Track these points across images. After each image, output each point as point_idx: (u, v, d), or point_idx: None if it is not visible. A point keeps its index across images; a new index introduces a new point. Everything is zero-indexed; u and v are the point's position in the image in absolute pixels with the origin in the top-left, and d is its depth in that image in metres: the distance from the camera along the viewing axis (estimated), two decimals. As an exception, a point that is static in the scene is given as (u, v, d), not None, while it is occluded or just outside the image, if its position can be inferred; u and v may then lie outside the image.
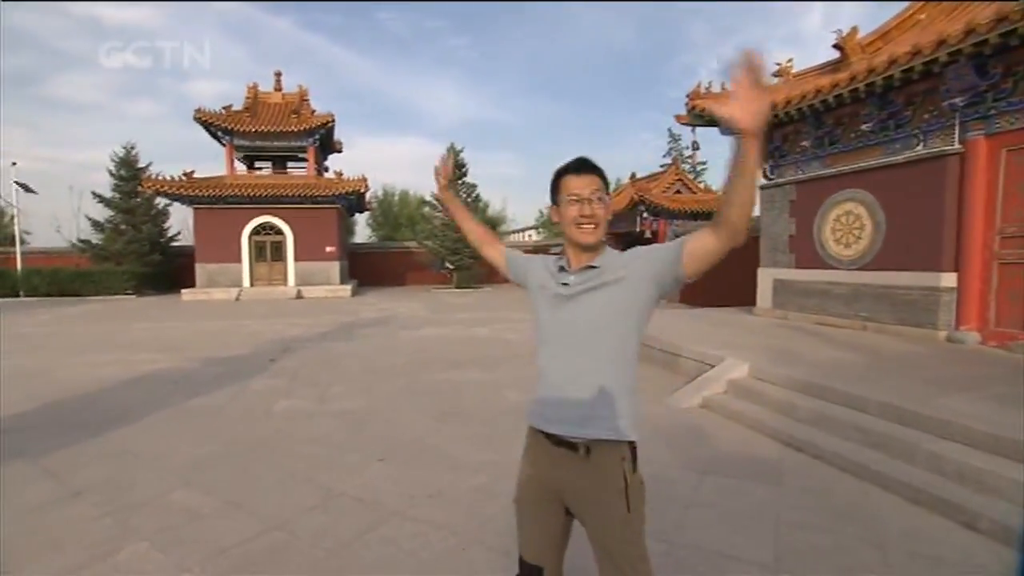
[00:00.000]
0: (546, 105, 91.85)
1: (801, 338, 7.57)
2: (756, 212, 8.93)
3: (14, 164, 23.92)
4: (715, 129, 10.47)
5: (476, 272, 24.22)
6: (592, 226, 1.46)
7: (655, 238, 17.84)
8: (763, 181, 9.92)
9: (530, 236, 45.01)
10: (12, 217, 26.26)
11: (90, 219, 24.35)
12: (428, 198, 25.68)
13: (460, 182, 24.63)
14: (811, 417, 4.48)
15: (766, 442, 4.43)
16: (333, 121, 21.82)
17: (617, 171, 33.79)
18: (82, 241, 24.31)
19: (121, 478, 3.88)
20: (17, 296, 21.31)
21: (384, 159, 78.11)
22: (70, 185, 67.47)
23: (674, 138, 38.53)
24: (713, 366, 5.99)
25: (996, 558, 2.71)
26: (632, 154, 79.58)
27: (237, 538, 2.98)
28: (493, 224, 30.38)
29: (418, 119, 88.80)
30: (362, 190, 20.99)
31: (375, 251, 28.87)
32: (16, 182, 23.49)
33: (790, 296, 9.59)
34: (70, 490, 3.69)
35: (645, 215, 17.68)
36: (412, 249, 27.66)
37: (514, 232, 45.26)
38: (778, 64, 10.05)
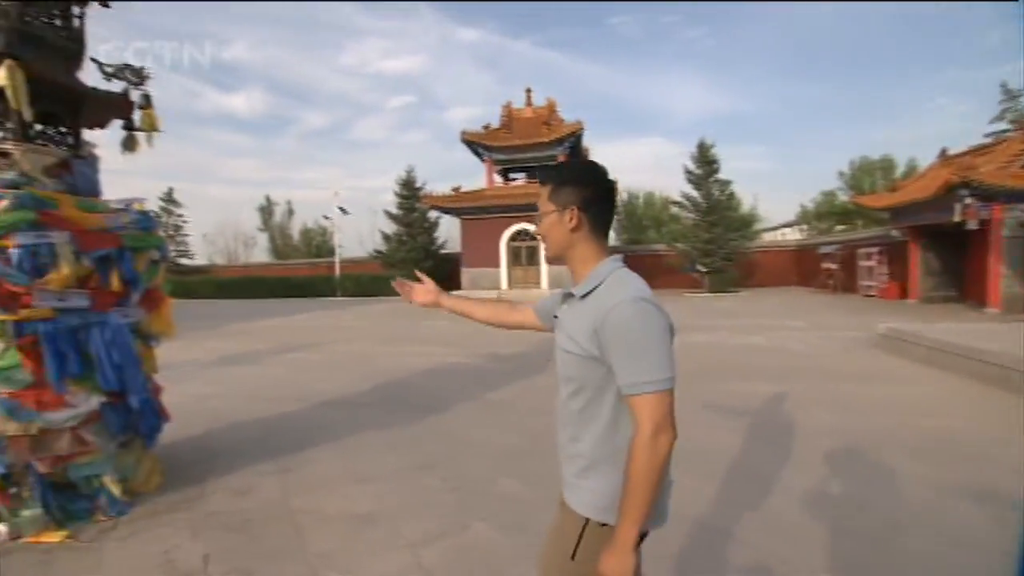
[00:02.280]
0: (799, 88, 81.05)
1: None
2: None
3: (336, 193, 30.69)
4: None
5: (731, 275, 22.35)
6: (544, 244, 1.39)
7: (985, 231, 13.88)
8: None
9: (783, 234, 39.95)
10: (333, 234, 33.59)
11: (382, 233, 29.70)
12: (676, 198, 24.64)
13: (712, 179, 23.04)
14: None
15: None
16: (582, 128, 22.53)
17: (907, 150, 27.44)
18: (377, 251, 29.83)
19: (455, 458, 4.27)
20: (335, 295, 27.34)
21: (624, 162, 78.13)
22: (369, 206, 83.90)
23: (1010, 95, 26.66)
24: None
25: None
26: (924, 127, 64.45)
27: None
28: (744, 223, 27.65)
29: (656, 119, 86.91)
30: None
31: (621, 253, 28.60)
32: (339, 207, 30.13)
33: None
34: (416, 463, 4.17)
35: (968, 201, 13.83)
36: (660, 252, 26.90)
37: (767, 230, 40.65)
38: None
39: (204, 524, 3.21)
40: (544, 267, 22.84)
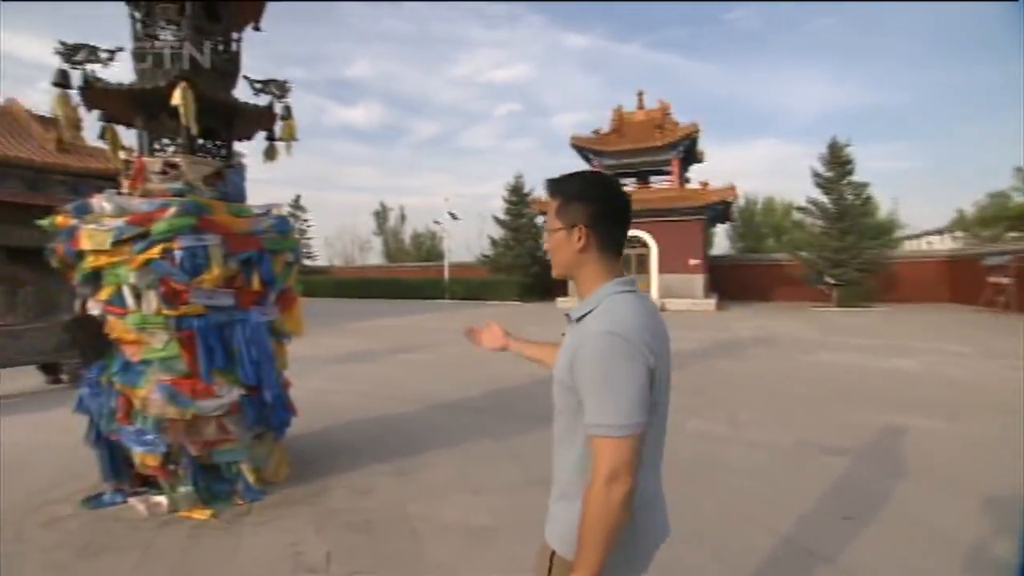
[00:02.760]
0: (952, 72, 70.89)
1: None
2: None
3: (447, 199, 31.77)
4: None
5: (864, 288, 20.01)
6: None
7: None
8: None
9: (929, 243, 35.22)
10: (442, 238, 34.90)
11: (490, 238, 30.32)
12: (803, 204, 22.55)
13: (845, 182, 20.84)
14: None
15: None
16: (698, 131, 21.45)
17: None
18: (484, 256, 30.49)
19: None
20: (443, 298, 28.33)
21: (737, 166, 73.70)
22: (477, 212, 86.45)
23: None
24: None
25: None
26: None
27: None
28: (882, 231, 24.73)
29: (774, 119, 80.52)
30: (730, 199, 19.92)
31: (738, 264, 27.04)
32: (449, 212, 31.24)
33: None
34: (532, 477, 4.05)
35: None
36: (781, 261, 24.87)
37: (909, 238, 36.04)
38: None
39: (328, 521, 3.31)
40: (655, 275, 21.98)
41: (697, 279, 21.36)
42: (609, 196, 1.24)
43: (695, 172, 25.05)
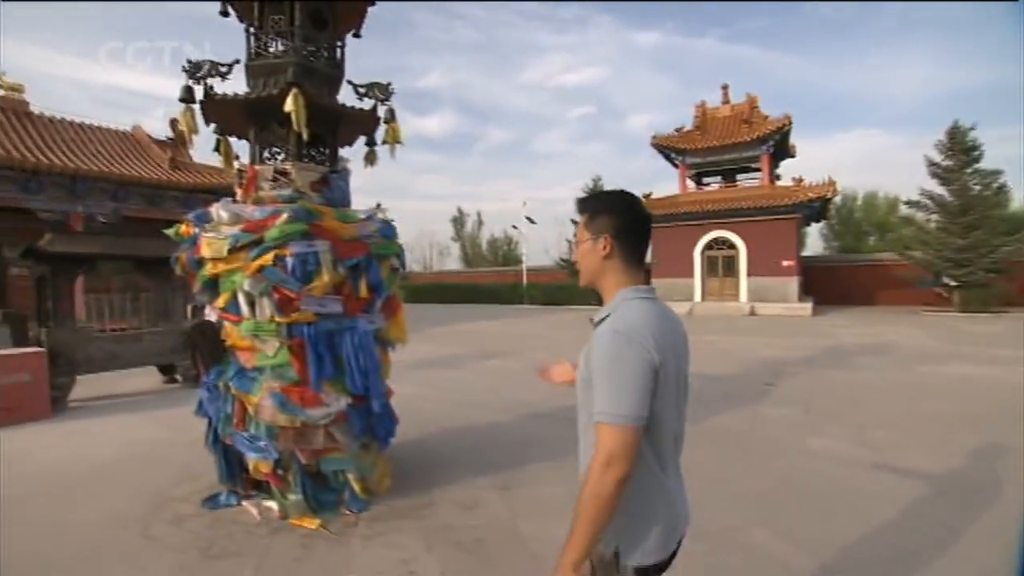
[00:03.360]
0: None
1: None
2: None
3: (524, 203, 31.71)
4: None
5: (995, 291, 17.75)
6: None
7: None
8: None
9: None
10: (519, 243, 34.88)
11: (568, 242, 29.87)
12: (914, 197, 20.38)
13: (970, 171, 18.67)
14: None
15: None
16: (790, 124, 20.04)
17: None
18: (563, 260, 30.13)
19: (692, 498, 3.74)
20: (522, 303, 28.21)
21: (825, 161, 68.31)
22: (554, 216, 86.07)
23: None
24: None
25: None
26: None
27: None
28: (1017, 225, 21.92)
29: (868, 106, 73.58)
30: (829, 195, 18.38)
31: (835, 265, 24.95)
32: (526, 217, 31.17)
33: None
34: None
35: None
36: (884, 261, 22.74)
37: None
38: None
39: (437, 538, 3.17)
40: (744, 278, 20.75)
41: (791, 282, 19.94)
42: (633, 210, 1.38)
43: (785, 168, 23.52)
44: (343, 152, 4.15)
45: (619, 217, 1.36)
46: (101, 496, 3.95)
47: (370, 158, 4.37)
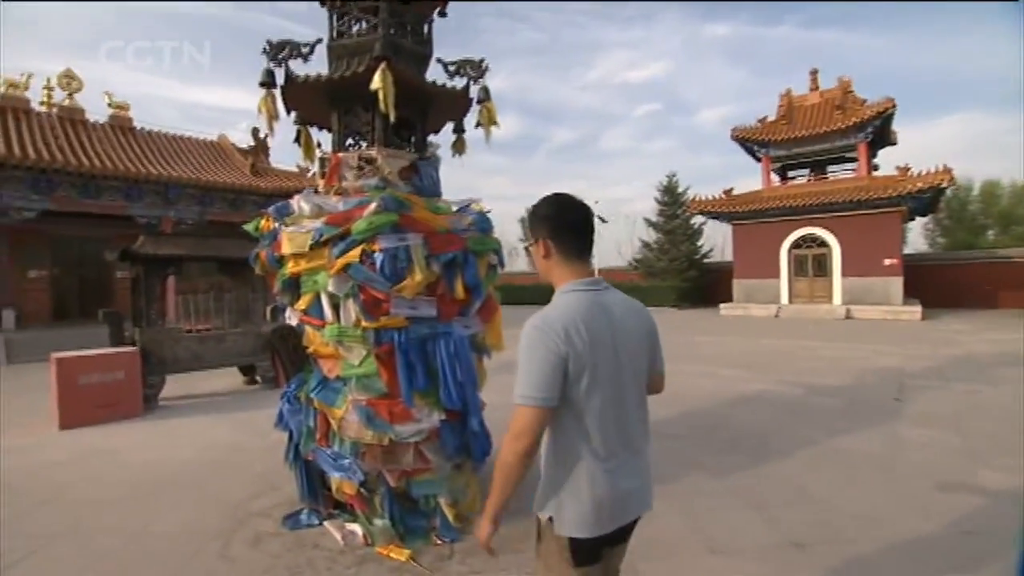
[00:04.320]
0: None
1: None
2: None
3: (596, 202, 30.86)
4: None
5: None
6: None
7: None
8: None
9: None
10: (591, 244, 33.98)
11: (642, 241, 28.77)
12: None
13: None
14: None
15: None
16: (893, 107, 18.11)
17: None
18: (636, 260, 29.01)
19: (830, 536, 3.08)
20: (596, 306, 27.35)
21: (921, 149, 62.53)
22: (625, 215, 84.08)
23: None
24: None
25: None
26: None
27: None
28: None
29: (970, 87, 66.50)
30: (943, 185, 16.39)
31: (946, 263, 22.36)
32: (598, 216, 30.29)
33: None
34: (779, 536, 3.10)
35: None
36: (1013, 258, 20.18)
37: None
38: None
39: None
40: (838, 278, 18.99)
41: (894, 282, 18.04)
42: (560, 210, 1.49)
43: (883, 157, 21.45)
44: (432, 139, 3.75)
45: (550, 220, 1.48)
46: (181, 504, 3.75)
47: (459, 146, 3.96)
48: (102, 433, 5.74)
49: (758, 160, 22.43)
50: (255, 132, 19.17)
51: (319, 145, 3.69)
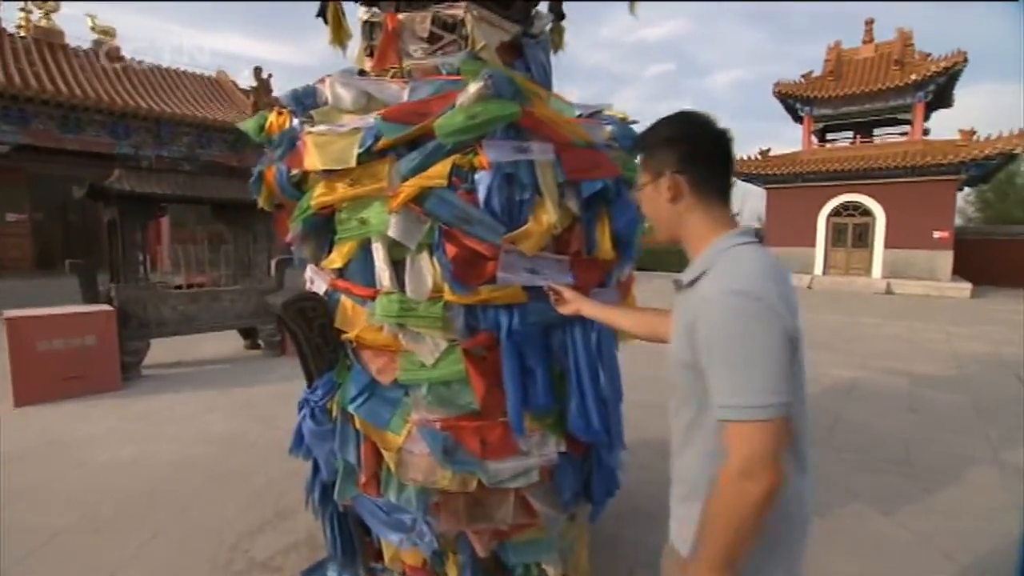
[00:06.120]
0: None
1: None
2: None
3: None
4: None
5: None
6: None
7: None
8: None
9: None
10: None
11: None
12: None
13: None
14: None
15: None
16: (964, 62, 16.31)
17: None
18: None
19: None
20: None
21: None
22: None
23: None
24: None
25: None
26: None
27: None
28: None
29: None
30: (1016, 151, 14.82)
31: (997, 238, 20.38)
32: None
33: None
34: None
35: None
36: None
37: None
38: None
39: None
40: (879, 250, 17.67)
41: (943, 256, 16.77)
42: (695, 131, 1.03)
43: (935, 121, 19.76)
44: (540, 8, 2.37)
45: (681, 146, 1.02)
46: (151, 546, 2.62)
47: (556, 38, 2.60)
48: (66, 414, 4.60)
49: (798, 120, 20.75)
50: (257, 71, 17.57)
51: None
